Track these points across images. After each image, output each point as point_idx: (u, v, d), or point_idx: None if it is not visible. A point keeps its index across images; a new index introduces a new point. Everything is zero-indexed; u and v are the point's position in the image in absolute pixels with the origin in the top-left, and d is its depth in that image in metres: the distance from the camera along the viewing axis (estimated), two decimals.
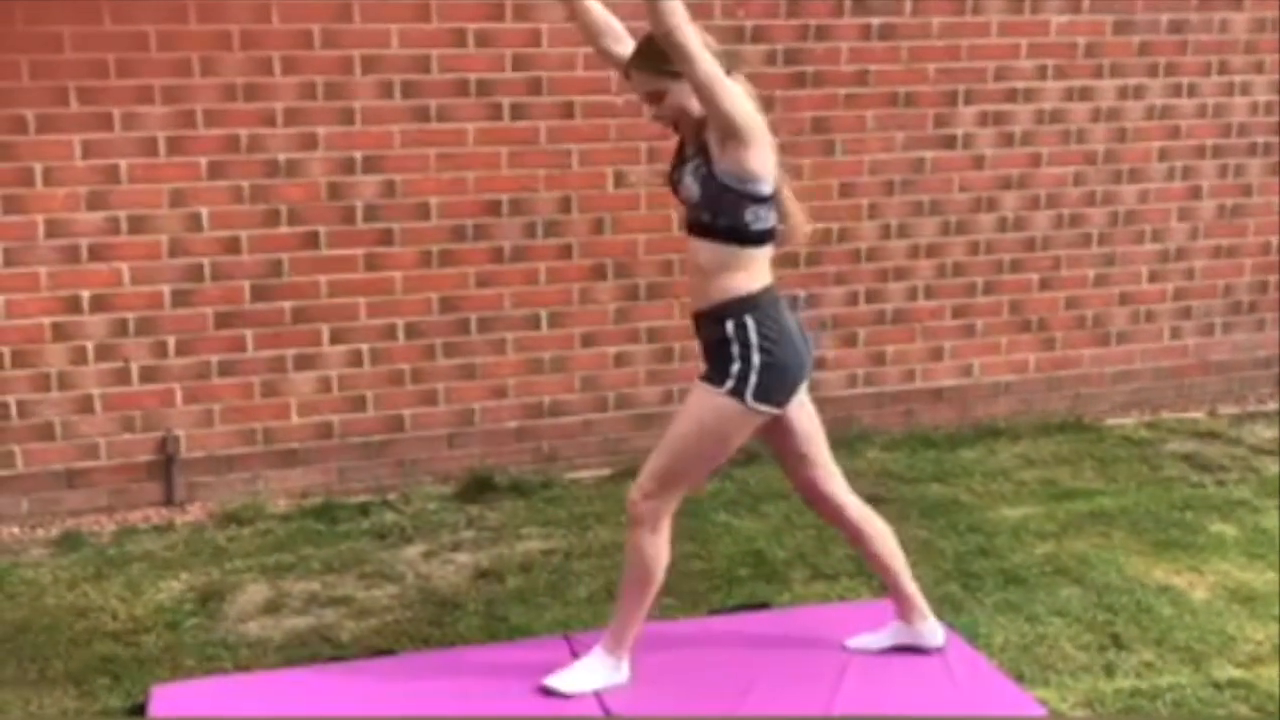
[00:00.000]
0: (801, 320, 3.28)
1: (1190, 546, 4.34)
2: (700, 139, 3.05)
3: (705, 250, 3.09)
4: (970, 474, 5.04)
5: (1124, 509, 4.67)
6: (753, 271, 3.09)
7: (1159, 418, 5.78)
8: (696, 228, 3.10)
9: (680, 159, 3.16)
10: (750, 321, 3.07)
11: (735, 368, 3.07)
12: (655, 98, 3.05)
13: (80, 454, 4.67)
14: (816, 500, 3.39)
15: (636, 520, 3.19)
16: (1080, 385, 5.79)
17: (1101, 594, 3.97)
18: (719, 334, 3.10)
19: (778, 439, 3.29)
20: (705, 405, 3.11)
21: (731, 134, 2.94)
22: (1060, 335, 5.73)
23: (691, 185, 3.05)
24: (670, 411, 5.17)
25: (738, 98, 2.93)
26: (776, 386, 3.10)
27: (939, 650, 3.45)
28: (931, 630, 3.47)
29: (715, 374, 3.11)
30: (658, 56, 2.95)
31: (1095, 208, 5.65)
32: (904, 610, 3.46)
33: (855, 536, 3.42)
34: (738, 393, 3.07)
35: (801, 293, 5.18)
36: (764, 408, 3.11)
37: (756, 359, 3.06)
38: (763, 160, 3.00)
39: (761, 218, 3.06)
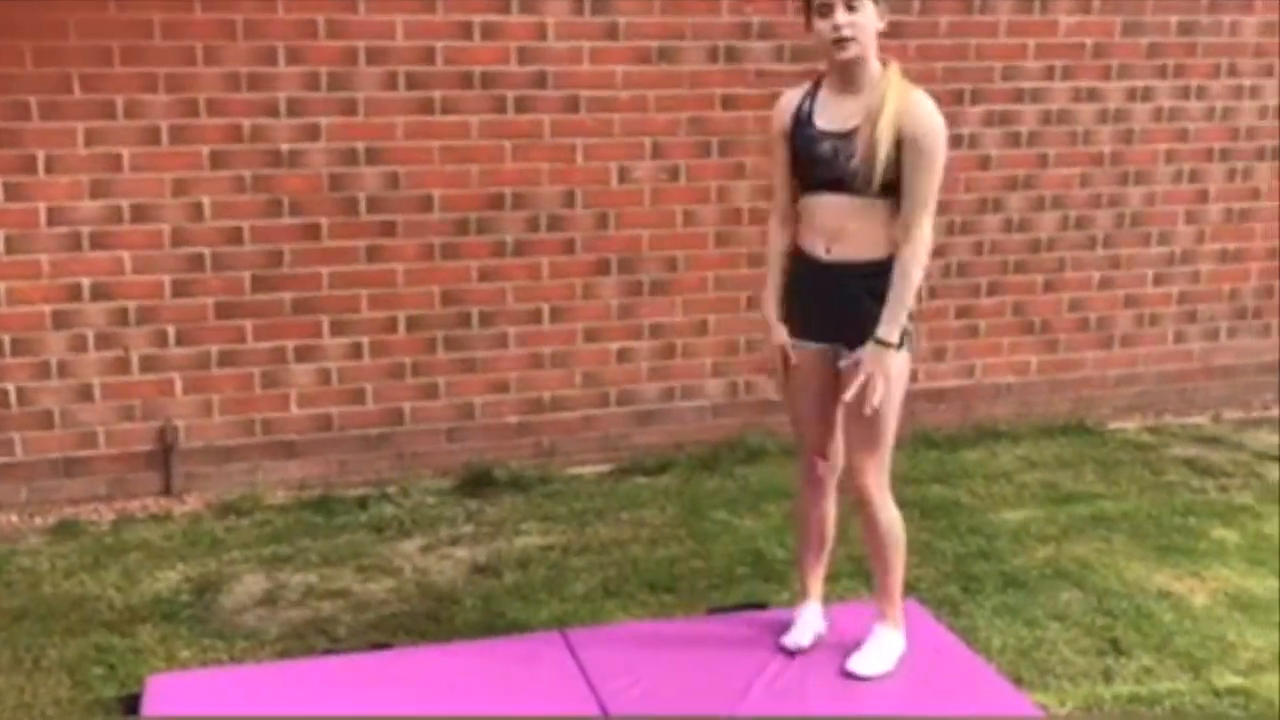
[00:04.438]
0: None
1: (1191, 552, 4.32)
2: (857, 83, 3.08)
3: (857, 207, 3.10)
4: (971, 476, 5.02)
5: (1125, 513, 4.65)
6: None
7: (1162, 422, 5.76)
8: (843, 184, 3.10)
9: (812, 103, 3.16)
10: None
11: (903, 319, 3.11)
12: (852, 6, 3.02)
13: (79, 442, 4.66)
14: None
15: (868, 500, 3.26)
16: (1083, 388, 5.77)
17: (1101, 599, 3.96)
18: (884, 286, 3.10)
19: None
20: (894, 370, 3.14)
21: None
22: (1063, 338, 5.71)
23: (856, 142, 3.06)
24: (670, 408, 5.23)
25: None
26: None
27: (937, 651, 3.44)
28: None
29: (885, 330, 3.10)
30: None
31: (1101, 210, 5.62)
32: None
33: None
34: (905, 343, 3.15)
35: None
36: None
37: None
38: None
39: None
